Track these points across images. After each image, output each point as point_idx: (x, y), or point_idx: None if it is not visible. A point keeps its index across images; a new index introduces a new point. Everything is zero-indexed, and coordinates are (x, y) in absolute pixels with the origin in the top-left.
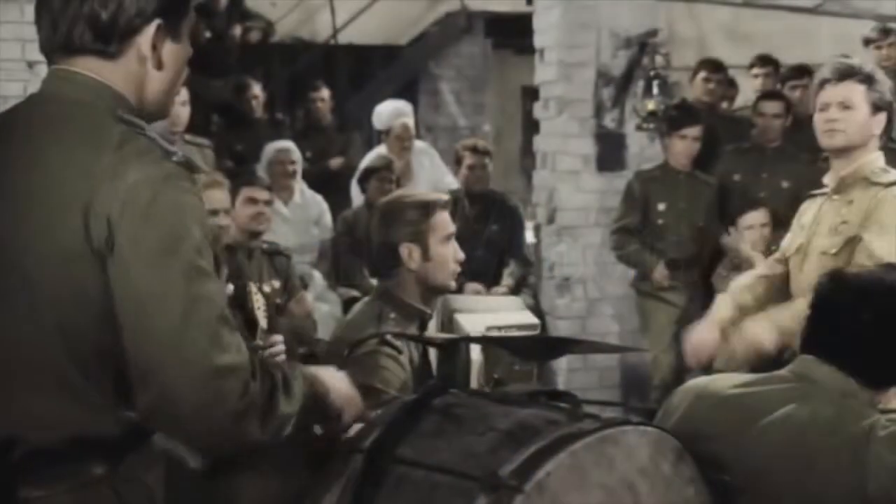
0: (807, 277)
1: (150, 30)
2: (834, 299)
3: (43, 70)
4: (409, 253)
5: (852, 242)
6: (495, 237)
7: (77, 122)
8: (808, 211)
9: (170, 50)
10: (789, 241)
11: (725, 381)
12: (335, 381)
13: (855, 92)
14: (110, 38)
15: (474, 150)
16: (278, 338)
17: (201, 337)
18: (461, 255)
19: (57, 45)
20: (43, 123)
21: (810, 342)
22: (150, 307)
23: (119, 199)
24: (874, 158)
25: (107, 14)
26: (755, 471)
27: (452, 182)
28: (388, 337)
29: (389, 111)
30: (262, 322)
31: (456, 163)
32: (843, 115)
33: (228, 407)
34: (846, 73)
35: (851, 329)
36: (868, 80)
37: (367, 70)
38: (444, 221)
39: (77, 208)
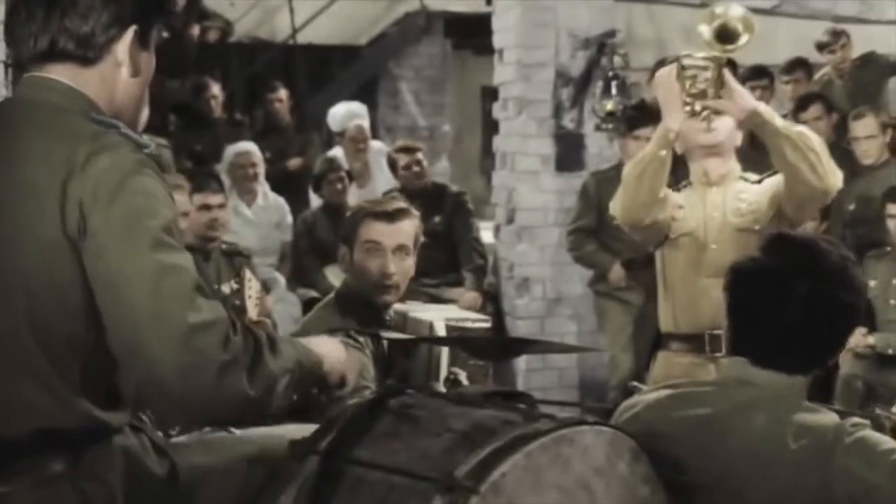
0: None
1: (128, 36)
2: (752, 297)
3: None
4: (343, 255)
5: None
6: (439, 229)
7: (54, 123)
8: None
9: (142, 58)
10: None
11: (667, 390)
12: (329, 349)
13: None
14: (91, 46)
15: (405, 150)
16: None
17: (175, 302)
18: (389, 270)
19: (34, 54)
20: (21, 123)
21: (738, 344)
22: (122, 282)
23: (91, 184)
24: None
25: (87, 26)
26: (717, 474)
27: None
28: (352, 332)
29: (343, 113)
30: (252, 312)
31: (392, 168)
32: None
33: (211, 362)
34: None
35: (778, 325)
36: None
37: (326, 70)
38: (369, 231)
39: (54, 197)
